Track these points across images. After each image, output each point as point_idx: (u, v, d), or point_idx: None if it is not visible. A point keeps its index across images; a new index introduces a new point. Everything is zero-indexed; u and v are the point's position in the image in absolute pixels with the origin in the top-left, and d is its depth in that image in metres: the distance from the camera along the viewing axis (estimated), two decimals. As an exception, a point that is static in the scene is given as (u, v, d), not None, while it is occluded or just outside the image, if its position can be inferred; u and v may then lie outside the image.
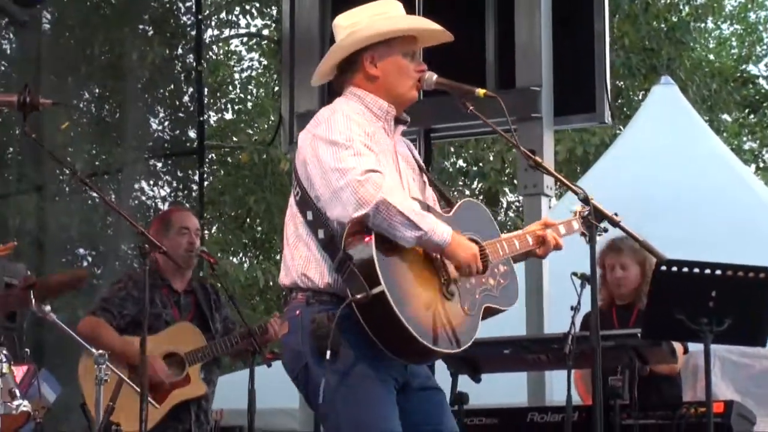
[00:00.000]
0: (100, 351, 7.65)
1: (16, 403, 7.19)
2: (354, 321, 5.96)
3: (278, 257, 22.53)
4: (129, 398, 7.63)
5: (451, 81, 6.53)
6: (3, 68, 16.65)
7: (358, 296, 5.70)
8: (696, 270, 7.60)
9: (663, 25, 24.94)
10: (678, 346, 9.19)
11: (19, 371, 7.81)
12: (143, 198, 18.75)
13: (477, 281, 6.19)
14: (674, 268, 7.47)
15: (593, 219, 6.18)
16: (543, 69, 11.10)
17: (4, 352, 7.28)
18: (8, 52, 16.78)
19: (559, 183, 8.19)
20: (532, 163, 6.72)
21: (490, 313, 6.31)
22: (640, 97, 20.37)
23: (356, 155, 5.92)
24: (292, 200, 6.33)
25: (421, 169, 6.63)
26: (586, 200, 6.16)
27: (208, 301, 9.33)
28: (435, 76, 6.46)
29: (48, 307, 7.79)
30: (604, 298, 9.58)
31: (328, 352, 5.79)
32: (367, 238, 5.86)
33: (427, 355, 6.12)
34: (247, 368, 9.21)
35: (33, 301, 7.78)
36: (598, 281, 7.44)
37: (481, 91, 6.51)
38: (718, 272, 7.49)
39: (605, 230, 6.52)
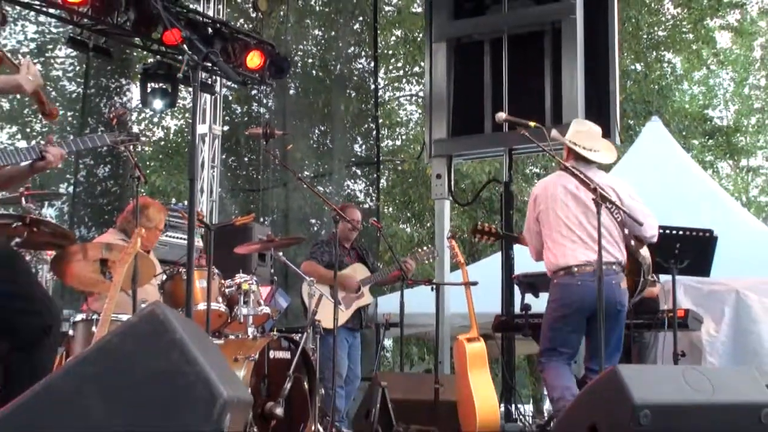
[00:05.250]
0: (311, 278, 7.71)
1: (260, 308, 7.29)
2: None
3: (428, 225, 22.81)
4: (330, 306, 7.68)
5: (513, 117, 6.49)
6: (267, 116, 16.93)
7: None
8: (667, 231, 7.48)
9: (656, 87, 24.85)
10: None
11: (265, 290, 7.87)
12: (348, 191, 19.01)
13: None
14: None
15: (599, 200, 6.04)
16: (579, 110, 10.79)
17: (255, 279, 7.35)
18: (270, 105, 17.03)
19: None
20: (562, 167, 6.62)
21: None
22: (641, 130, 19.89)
23: None
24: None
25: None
26: (594, 189, 6.05)
27: (363, 253, 9.48)
28: (504, 115, 6.45)
29: (281, 253, 7.90)
30: None
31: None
32: None
33: None
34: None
35: (272, 249, 7.90)
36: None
37: (532, 124, 6.53)
38: (681, 232, 7.35)
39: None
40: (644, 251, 6.97)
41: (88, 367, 2.43)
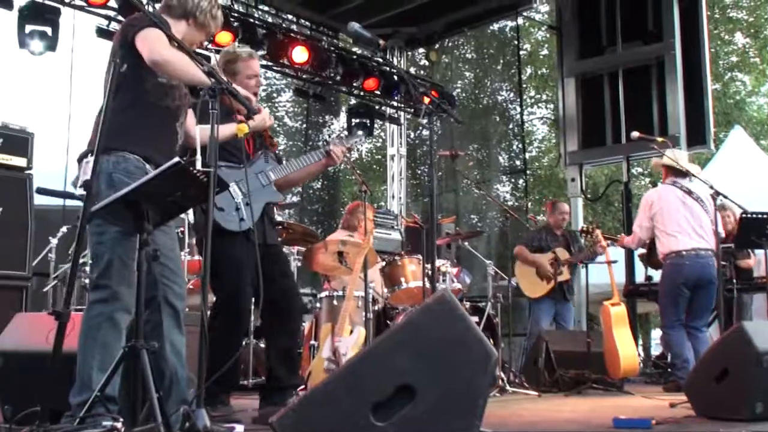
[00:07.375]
0: (489, 261, 7.70)
1: (453, 284, 7.31)
2: None
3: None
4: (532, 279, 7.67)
5: (644, 135, 6.42)
6: (435, 137, 16.98)
7: None
8: (759, 216, 7.24)
9: (732, 101, 24.23)
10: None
11: (456, 270, 7.89)
12: (498, 192, 18.94)
13: None
14: (750, 216, 7.12)
15: (715, 195, 5.97)
16: (681, 124, 10.71)
17: (448, 263, 7.37)
18: (437, 131, 17.08)
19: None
20: (683, 170, 6.66)
21: None
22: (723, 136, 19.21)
23: None
24: None
25: None
26: (711, 187, 6.00)
27: (570, 239, 8.80)
28: (637, 134, 6.36)
29: (466, 243, 7.89)
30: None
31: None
32: None
33: None
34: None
35: (459, 240, 7.90)
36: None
37: (659, 139, 6.55)
38: (769, 216, 7.10)
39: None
40: None
41: (400, 335, 2.58)
